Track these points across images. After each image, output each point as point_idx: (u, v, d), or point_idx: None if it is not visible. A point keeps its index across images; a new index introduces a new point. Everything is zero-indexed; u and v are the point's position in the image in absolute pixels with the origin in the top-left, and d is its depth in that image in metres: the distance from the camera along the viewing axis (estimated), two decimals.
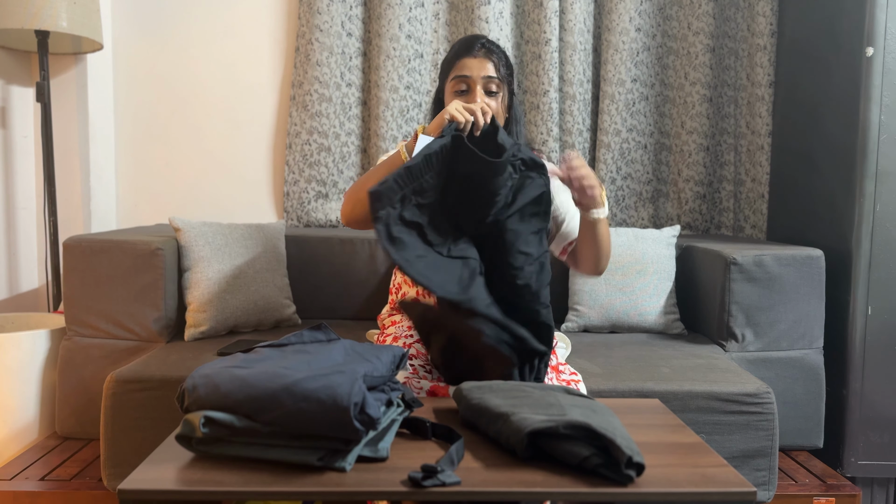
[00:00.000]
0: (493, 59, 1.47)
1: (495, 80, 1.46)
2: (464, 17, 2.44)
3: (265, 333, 1.96)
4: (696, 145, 2.49)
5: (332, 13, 2.38)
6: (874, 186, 1.84)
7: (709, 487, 0.86)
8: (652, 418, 1.14)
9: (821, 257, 1.88)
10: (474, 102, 1.42)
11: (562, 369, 1.42)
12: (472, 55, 1.47)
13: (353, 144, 2.48)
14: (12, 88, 2.29)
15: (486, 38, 1.50)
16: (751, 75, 2.45)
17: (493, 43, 1.49)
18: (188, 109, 2.51)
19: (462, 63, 1.47)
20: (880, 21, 1.81)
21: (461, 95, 1.48)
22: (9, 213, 2.30)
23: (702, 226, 2.55)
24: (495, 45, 1.50)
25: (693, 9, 2.46)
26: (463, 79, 1.47)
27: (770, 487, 1.61)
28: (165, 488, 0.83)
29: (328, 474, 0.87)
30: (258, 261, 2.00)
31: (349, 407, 0.86)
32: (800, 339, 1.88)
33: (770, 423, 1.59)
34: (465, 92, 1.47)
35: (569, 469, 0.89)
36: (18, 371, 1.83)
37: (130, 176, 2.52)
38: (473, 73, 1.46)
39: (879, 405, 1.87)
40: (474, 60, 1.46)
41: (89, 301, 1.82)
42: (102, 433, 1.58)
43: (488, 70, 1.46)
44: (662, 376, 1.65)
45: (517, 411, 0.96)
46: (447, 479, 0.84)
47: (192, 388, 0.92)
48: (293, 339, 1.13)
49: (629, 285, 2.07)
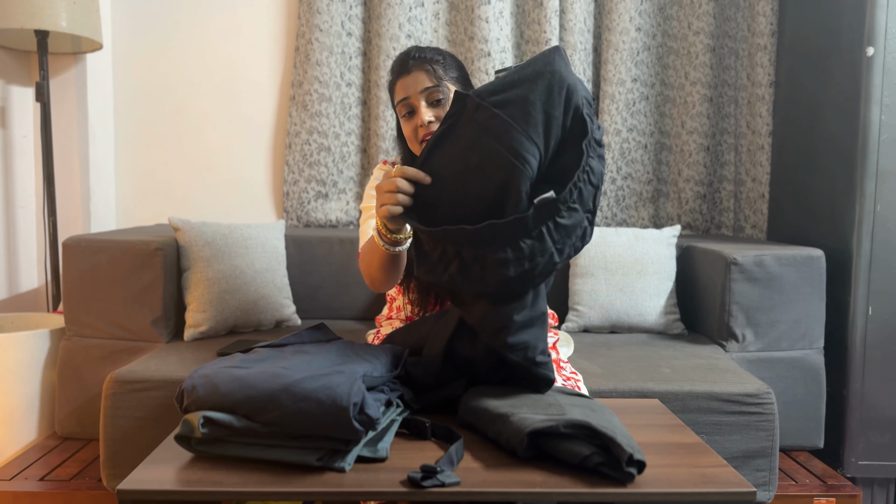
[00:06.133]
0: (426, 67, 1.34)
1: (435, 89, 1.33)
2: (464, 17, 2.44)
3: (265, 333, 1.96)
4: (697, 145, 2.48)
5: (332, 13, 2.38)
6: (874, 186, 1.84)
7: (709, 488, 0.86)
8: (652, 418, 1.14)
9: (821, 257, 1.88)
10: (422, 126, 1.32)
11: (563, 366, 1.42)
12: (406, 72, 1.35)
13: (353, 144, 2.48)
14: (12, 88, 2.29)
15: (416, 49, 1.37)
16: (751, 75, 2.45)
17: (427, 49, 1.37)
18: (188, 109, 2.50)
19: (398, 85, 1.36)
20: (880, 21, 1.81)
21: (408, 119, 1.37)
22: (8, 213, 2.30)
23: (702, 226, 2.55)
24: (429, 51, 1.37)
25: (693, 8, 2.45)
26: (403, 102, 1.35)
27: (770, 488, 1.61)
28: (165, 488, 0.83)
29: (328, 474, 0.87)
30: (258, 261, 2.00)
31: (348, 407, 0.86)
32: (800, 339, 1.88)
33: (770, 424, 1.59)
34: (411, 113, 1.36)
35: (569, 469, 0.89)
36: (18, 371, 1.82)
37: (130, 176, 2.52)
38: (410, 92, 1.34)
39: (880, 405, 1.86)
40: (409, 78, 1.34)
41: (89, 301, 1.82)
42: (102, 433, 1.58)
43: (423, 82, 1.33)
44: (662, 376, 1.65)
45: (516, 412, 0.96)
46: (447, 479, 0.84)
47: (191, 388, 0.92)
48: (292, 339, 1.13)
49: (629, 285, 2.06)
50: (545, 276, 1.01)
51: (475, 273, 0.98)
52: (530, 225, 0.96)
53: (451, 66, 1.38)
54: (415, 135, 1.36)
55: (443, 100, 1.35)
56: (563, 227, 0.97)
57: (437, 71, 1.35)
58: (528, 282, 1.01)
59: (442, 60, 1.37)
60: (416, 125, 1.35)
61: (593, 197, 1.01)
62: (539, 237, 0.97)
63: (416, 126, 1.35)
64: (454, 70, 1.39)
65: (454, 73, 1.38)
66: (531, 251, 0.97)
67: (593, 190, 1.00)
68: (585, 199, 0.99)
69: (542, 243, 0.97)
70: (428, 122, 1.33)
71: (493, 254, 0.97)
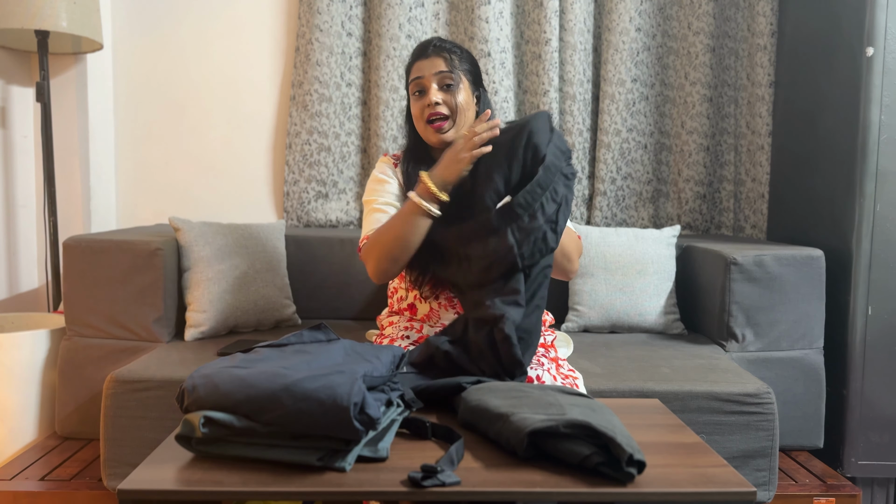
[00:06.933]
0: (443, 55, 1.47)
1: (448, 74, 1.45)
2: (464, 17, 2.44)
3: (265, 333, 1.96)
4: (697, 145, 2.49)
5: (332, 13, 2.38)
6: (874, 186, 1.84)
7: (709, 487, 0.86)
8: (652, 418, 1.14)
9: (821, 257, 1.88)
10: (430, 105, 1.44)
11: (561, 363, 1.43)
12: (424, 56, 1.48)
13: (353, 144, 2.48)
14: (12, 88, 2.29)
15: (438, 39, 1.50)
16: (751, 75, 2.45)
17: (447, 41, 1.50)
18: (188, 109, 2.51)
19: (415, 67, 1.49)
20: (880, 21, 1.81)
21: (418, 98, 1.48)
22: (9, 212, 2.30)
23: (702, 226, 2.55)
24: (449, 43, 1.50)
25: (693, 9, 2.46)
26: (417, 81, 1.47)
27: (770, 487, 1.61)
28: (165, 488, 0.83)
29: (328, 474, 0.87)
30: (258, 261, 2.00)
31: (349, 407, 0.86)
32: (800, 339, 1.88)
33: (770, 424, 1.59)
34: (421, 93, 1.47)
35: (569, 469, 0.89)
36: (18, 371, 1.83)
37: (130, 176, 2.52)
38: (425, 73, 1.46)
39: (879, 405, 1.87)
40: (426, 61, 1.47)
41: (89, 301, 1.82)
42: (102, 433, 1.58)
43: (439, 66, 1.45)
44: (662, 376, 1.65)
45: (517, 412, 0.96)
46: (447, 479, 0.84)
47: (191, 388, 0.92)
48: (293, 339, 1.13)
49: (629, 285, 2.06)
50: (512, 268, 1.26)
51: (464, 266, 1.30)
52: (495, 224, 1.24)
53: (466, 60, 1.50)
54: (421, 114, 1.47)
55: (453, 86, 1.46)
56: (524, 229, 1.23)
57: (454, 60, 1.47)
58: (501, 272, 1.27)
59: (458, 53, 1.49)
60: (424, 104, 1.46)
61: (556, 212, 1.26)
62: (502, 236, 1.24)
63: (424, 105, 1.46)
64: (468, 63, 1.50)
65: (467, 65, 1.50)
66: (497, 246, 1.24)
67: (555, 206, 1.26)
68: (548, 212, 1.25)
69: (505, 239, 1.23)
70: (435, 102, 1.44)
71: (471, 249, 1.27)
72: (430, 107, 1.44)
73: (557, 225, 1.26)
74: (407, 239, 1.34)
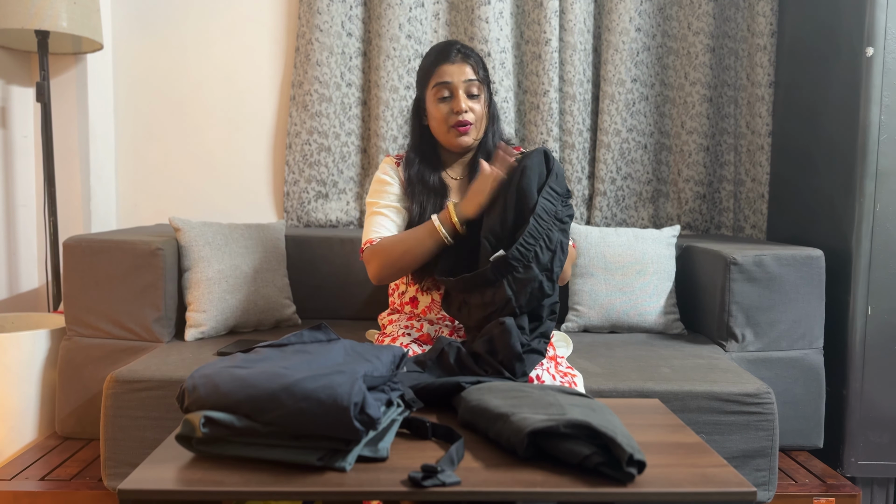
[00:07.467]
0: (470, 62, 1.50)
1: (476, 82, 1.49)
2: (464, 17, 2.44)
3: (265, 333, 1.96)
4: (696, 145, 2.49)
5: (332, 13, 2.38)
6: (874, 186, 1.84)
7: (709, 487, 0.86)
8: (652, 418, 1.14)
9: (821, 257, 1.88)
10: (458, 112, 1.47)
11: (560, 361, 1.43)
12: (450, 61, 1.49)
13: (353, 144, 2.48)
14: (12, 88, 2.29)
15: (460, 44, 1.53)
16: (751, 75, 2.45)
17: (467, 47, 1.53)
18: (188, 109, 2.51)
19: (441, 70, 1.50)
20: (880, 21, 1.81)
21: (444, 102, 1.50)
22: (9, 212, 2.30)
23: (702, 226, 2.55)
24: (470, 49, 1.53)
25: (693, 9, 2.46)
26: (445, 85, 1.49)
27: (770, 487, 1.61)
28: (165, 488, 0.83)
29: (328, 474, 0.87)
30: (258, 261, 2.00)
31: (349, 407, 0.86)
32: (800, 339, 1.88)
33: (770, 424, 1.59)
34: (447, 98, 1.50)
35: (569, 469, 0.89)
36: (18, 371, 1.83)
37: (130, 176, 2.52)
38: (454, 79, 1.48)
39: (879, 405, 1.87)
40: (453, 66, 1.49)
41: (89, 301, 1.82)
42: (102, 433, 1.58)
43: (468, 74, 1.49)
44: (662, 376, 1.65)
45: (517, 412, 0.96)
46: (447, 479, 0.84)
47: (192, 388, 0.92)
48: (293, 339, 1.13)
49: (629, 285, 2.07)
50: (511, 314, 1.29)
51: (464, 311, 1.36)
52: (490, 276, 1.28)
53: (482, 67, 1.55)
54: (446, 118, 1.50)
55: (478, 96, 1.51)
56: (519, 280, 1.27)
57: (479, 70, 1.52)
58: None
59: (480, 61, 1.54)
60: (451, 109, 1.49)
61: (551, 260, 1.29)
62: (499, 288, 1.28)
63: (450, 110, 1.49)
64: (484, 70, 1.55)
65: (484, 73, 1.55)
66: (493, 297, 1.28)
67: (550, 254, 1.29)
68: (543, 261, 1.28)
69: (503, 291, 1.27)
70: (465, 109, 1.48)
71: (471, 298, 1.33)
72: (459, 113, 1.48)
73: (553, 273, 1.30)
74: (416, 256, 1.41)
